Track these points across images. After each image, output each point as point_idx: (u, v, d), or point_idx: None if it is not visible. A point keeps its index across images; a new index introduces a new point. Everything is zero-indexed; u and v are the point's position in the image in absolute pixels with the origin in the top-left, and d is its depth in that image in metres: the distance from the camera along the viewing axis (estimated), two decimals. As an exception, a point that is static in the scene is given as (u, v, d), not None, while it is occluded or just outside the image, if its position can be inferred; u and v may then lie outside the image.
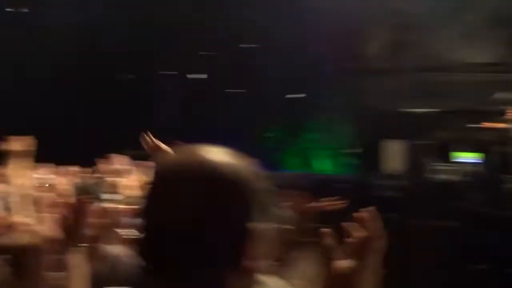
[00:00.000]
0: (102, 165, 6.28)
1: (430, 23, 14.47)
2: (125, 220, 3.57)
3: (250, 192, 1.27)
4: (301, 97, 16.64)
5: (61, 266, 2.30)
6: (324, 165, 17.11)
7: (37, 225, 2.76)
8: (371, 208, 1.49)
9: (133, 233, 2.94)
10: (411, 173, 13.02)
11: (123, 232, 3.44)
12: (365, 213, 1.55)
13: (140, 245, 1.31)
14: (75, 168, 6.50)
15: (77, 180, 5.82)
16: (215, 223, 1.24)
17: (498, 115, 14.40)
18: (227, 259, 1.24)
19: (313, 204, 3.14)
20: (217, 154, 1.32)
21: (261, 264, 1.33)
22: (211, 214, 1.24)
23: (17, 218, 3.17)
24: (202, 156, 1.31)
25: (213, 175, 1.27)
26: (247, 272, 1.28)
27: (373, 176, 13.18)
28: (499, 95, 15.66)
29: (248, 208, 1.26)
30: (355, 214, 1.55)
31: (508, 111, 13.07)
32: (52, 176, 5.36)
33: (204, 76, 17.34)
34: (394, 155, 13.89)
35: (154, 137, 3.38)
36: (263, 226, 1.31)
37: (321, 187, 11.26)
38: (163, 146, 3.28)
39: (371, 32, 15.81)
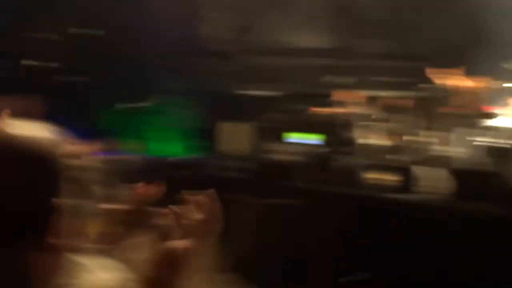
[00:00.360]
0: None
1: (266, 8, 14.84)
2: None
3: (58, 169, 1.19)
4: (140, 79, 16.30)
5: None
6: (162, 148, 16.94)
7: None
8: (210, 190, 1.44)
9: None
10: (248, 154, 13.34)
11: None
12: (203, 195, 1.52)
13: None
14: None
15: None
16: (17, 200, 1.15)
17: (329, 98, 15.31)
18: (31, 237, 1.15)
19: (149, 187, 3.04)
20: (27, 130, 1.24)
21: (74, 244, 1.26)
22: (14, 190, 1.15)
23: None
24: (9, 131, 1.22)
25: (19, 149, 1.17)
26: (54, 251, 1.19)
27: (212, 158, 13.31)
28: (330, 79, 16.62)
29: (55, 185, 1.18)
30: (193, 196, 1.49)
31: (335, 93, 13.96)
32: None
33: (42, 62, 16.31)
34: (232, 136, 14.12)
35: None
36: (76, 204, 1.24)
37: (158, 169, 11.15)
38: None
39: (209, 14, 15.86)
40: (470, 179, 6.59)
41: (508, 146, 10.17)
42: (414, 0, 15.22)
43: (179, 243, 1.45)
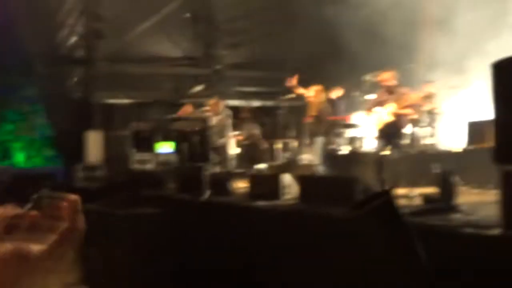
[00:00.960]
0: None
1: (127, 16, 14.81)
2: None
3: None
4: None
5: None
6: (23, 158, 16.34)
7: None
8: (73, 198, 1.50)
9: None
10: (112, 163, 13.25)
11: None
12: (65, 203, 1.57)
13: None
14: None
15: None
16: None
17: (192, 107, 15.57)
18: None
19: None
20: None
21: None
22: None
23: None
24: None
25: None
26: None
27: (74, 167, 13.07)
28: (194, 88, 16.95)
29: None
30: (56, 204, 1.56)
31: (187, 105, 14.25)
32: None
33: None
34: (95, 145, 13.94)
35: None
36: None
37: (20, 180, 10.77)
38: None
39: (68, 20, 15.49)
40: (317, 184, 7.19)
41: (350, 152, 11.07)
42: (274, 13, 15.91)
43: (36, 249, 1.45)
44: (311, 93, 10.19)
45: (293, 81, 10.78)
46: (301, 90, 10.81)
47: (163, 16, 15.34)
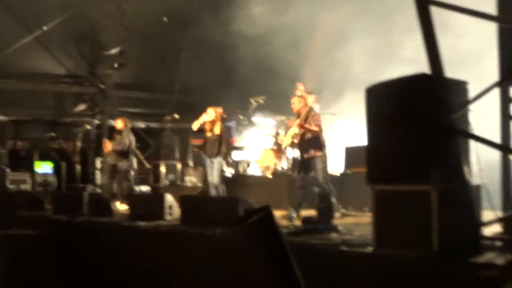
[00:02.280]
0: None
1: (7, 30, 14.13)
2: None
3: None
4: None
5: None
6: None
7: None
8: None
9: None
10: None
11: None
12: None
13: None
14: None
15: None
16: None
17: (75, 126, 15.08)
18: None
19: None
20: None
21: None
22: None
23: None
24: None
25: None
26: None
27: None
28: (77, 106, 16.43)
29: None
30: None
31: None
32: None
33: None
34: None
35: None
36: None
37: None
38: None
39: None
40: (199, 205, 7.18)
41: (234, 175, 11.17)
42: (166, 37, 15.85)
43: None
44: (212, 113, 10.09)
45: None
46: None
47: (46, 32, 14.79)
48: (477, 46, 8.35)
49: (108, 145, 11.14)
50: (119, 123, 11.40)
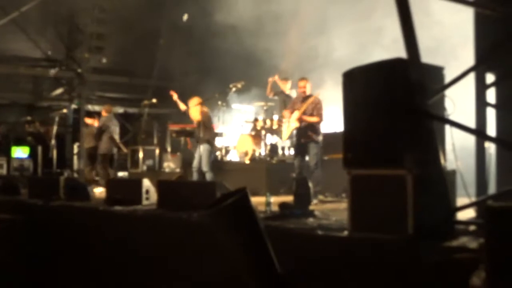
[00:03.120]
0: None
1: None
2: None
3: None
4: None
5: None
6: None
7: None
8: None
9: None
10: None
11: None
12: None
13: None
14: None
15: None
16: None
17: (52, 111, 14.92)
18: None
19: None
20: None
21: None
22: None
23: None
24: None
25: None
26: None
27: None
28: (54, 91, 16.25)
29: None
30: None
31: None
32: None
33: None
34: None
35: None
36: None
37: None
38: None
39: None
40: (177, 189, 7.15)
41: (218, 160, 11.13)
42: (146, 23, 15.71)
43: None
44: (195, 103, 10.09)
45: (174, 95, 10.63)
46: (181, 105, 10.60)
47: (23, 14, 14.55)
48: (454, 35, 8.42)
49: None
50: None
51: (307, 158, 9.00)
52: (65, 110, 14.91)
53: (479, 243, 3.87)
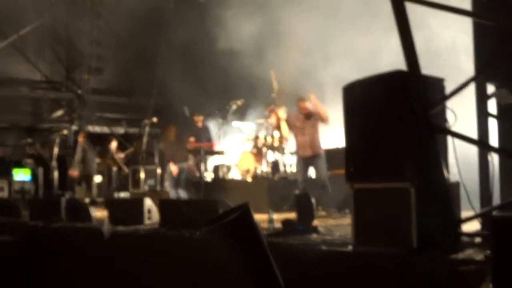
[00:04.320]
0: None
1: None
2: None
3: None
4: None
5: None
6: None
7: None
8: None
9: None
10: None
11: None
12: None
13: None
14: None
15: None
16: None
17: (52, 132, 14.90)
18: None
19: None
20: None
21: None
22: None
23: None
24: None
25: None
26: None
27: None
28: (54, 112, 16.26)
29: None
30: None
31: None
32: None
33: None
34: None
35: None
36: None
37: None
38: None
39: None
40: (178, 208, 7.12)
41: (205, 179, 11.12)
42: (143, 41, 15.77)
43: None
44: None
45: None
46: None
47: (21, 37, 14.63)
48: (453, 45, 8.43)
49: None
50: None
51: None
52: (65, 132, 14.88)
53: (485, 255, 3.83)
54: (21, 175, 13.30)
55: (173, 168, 11.16)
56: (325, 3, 11.10)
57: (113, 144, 13.05)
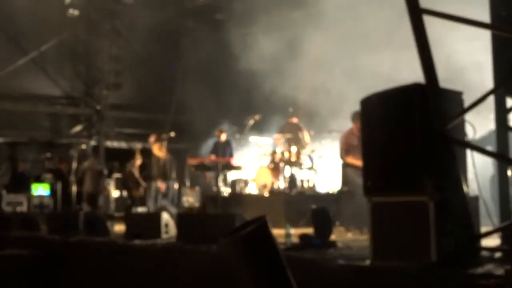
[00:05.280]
0: None
1: (2, 51, 14.19)
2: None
3: None
4: None
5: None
6: None
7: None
8: None
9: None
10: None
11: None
12: None
13: None
14: None
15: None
16: None
17: (71, 148, 15.03)
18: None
19: None
20: None
21: None
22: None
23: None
24: None
25: None
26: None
27: None
28: (73, 128, 16.43)
29: None
30: None
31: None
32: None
33: None
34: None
35: None
36: None
37: None
38: None
39: None
40: (196, 221, 7.14)
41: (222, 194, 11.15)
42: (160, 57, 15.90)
43: None
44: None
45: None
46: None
47: (41, 53, 14.83)
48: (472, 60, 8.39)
49: None
50: None
51: None
52: (84, 147, 15.02)
53: (505, 270, 3.78)
54: (40, 189, 13.41)
55: (161, 184, 11.52)
56: (343, 19, 11.11)
57: (138, 161, 13.16)
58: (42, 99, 15.70)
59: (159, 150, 11.40)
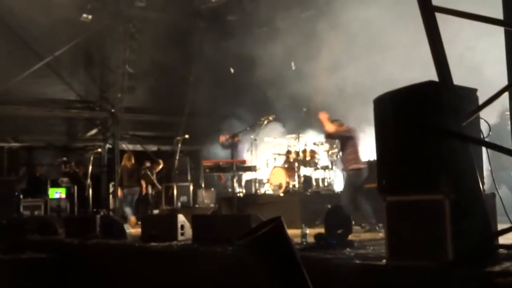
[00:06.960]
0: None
1: (17, 56, 14.32)
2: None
3: None
4: None
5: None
6: None
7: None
8: None
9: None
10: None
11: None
12: None
13: None
14: None
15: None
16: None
17: (86, 151, 15.14)
18: None
19: None
20: None
21: None
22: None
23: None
24: None
25: None
26: None
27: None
28: (88, 131, 16.52)
29: None
30: None
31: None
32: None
33: None
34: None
35: None
36: None
37: None
38: None
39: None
40: (211, 223, 7.17)
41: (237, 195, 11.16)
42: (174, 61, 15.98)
43: None
44: None
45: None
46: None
47: (56, 58, 14.95)
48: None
49: None
50: None
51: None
52: (99, 150, 15.14)
53: (523, 267, 3.76)
54: (57, 193, 13.55)
55: (119, 191, 12.27)
56: (356, 19, 11.07)
57: (159, 166, 13.32)
58: (57, 104, 15.80)
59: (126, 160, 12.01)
